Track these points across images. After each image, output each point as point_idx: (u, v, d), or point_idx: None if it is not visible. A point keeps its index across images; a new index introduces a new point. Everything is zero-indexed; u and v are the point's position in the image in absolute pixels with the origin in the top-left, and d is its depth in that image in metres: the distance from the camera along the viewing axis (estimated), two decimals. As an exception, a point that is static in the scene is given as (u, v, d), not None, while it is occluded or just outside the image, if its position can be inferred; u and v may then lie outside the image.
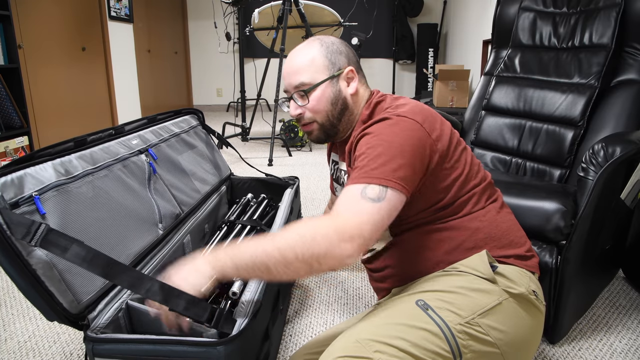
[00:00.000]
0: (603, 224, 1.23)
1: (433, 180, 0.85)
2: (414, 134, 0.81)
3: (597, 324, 1.33)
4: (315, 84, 0.93)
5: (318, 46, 0.95)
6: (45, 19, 3.46)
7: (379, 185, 0.75)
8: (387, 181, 0.75)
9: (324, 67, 0.93)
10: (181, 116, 1.64)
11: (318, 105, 0.93)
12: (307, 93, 0.93)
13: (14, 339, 1.28)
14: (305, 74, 0.93)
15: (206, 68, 6.32)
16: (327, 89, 0.93)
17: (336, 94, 0.94)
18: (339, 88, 0.94)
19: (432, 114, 0.88)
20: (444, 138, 0.86)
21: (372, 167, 0.77)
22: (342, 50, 0.96)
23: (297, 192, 1.74)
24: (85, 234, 0.92)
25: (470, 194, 0.88)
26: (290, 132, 3.80)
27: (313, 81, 0.93)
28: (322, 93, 0.93)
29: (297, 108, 0.95)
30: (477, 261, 0.83)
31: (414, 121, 0.83)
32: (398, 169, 0.77)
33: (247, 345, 0.86)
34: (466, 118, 1.84)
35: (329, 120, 0.95)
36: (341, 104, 0.94)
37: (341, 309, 1.43)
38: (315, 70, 0.93)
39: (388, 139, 0.80)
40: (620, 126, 1.40)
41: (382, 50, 6.09)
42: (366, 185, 0.75)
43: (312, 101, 0.93)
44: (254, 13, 3.61)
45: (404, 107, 0.88)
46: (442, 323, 0.73)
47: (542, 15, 1.71)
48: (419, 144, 0.81)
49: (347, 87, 0.95)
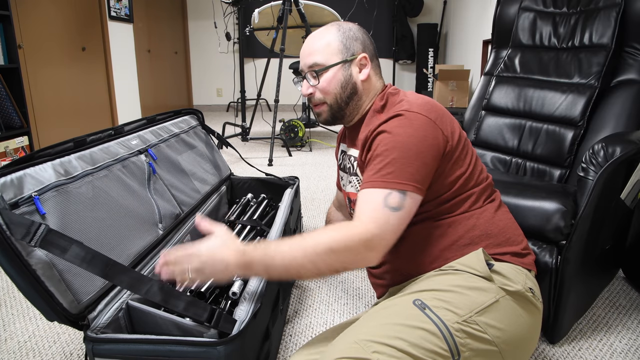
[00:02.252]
0: (603, 224, 1.23)
1: (439, 176, 0.86)
2: (429, 132, 0.84)
3: (597, 324, 1.33)
4: (328, 66, 0.96)
5: (335, 31, 0.98)
6: (45, 19, 3.46)
7: (399, 191, 0.79)
8: (407, 186, 0.80)
9: (338, 51, 0.96)
10: (181, 116, 1.64)
11: (328, 86, 0.97)
12: (319, 74, 0.96)
13: (14, 339, 1.28)
14: (319, 55, 0.96)
15: (206, 68, 6.32)
16: (338, 72, 0.96)
17: (347, 78, 0.97)
18: (351, 73, 0.97)
19: (443, 111, 0.90)
20: (454, 135, 0.88)
21: (390, 170, 0.80)
22: (359, 37, 0.98)
23: (297, 192, 1.74)
24: (85, 234, 0.92)
25: (470, 192, 0.89)
26: (290, 132, 3.80)
27: (326, 62, 0.96)
28: (334, 75, 0.96)
29: (308, 88, 0.99)
30: (473, 259, 0.84)
31: (428, 118, 0.85)
32: (415, 172, 0.81)
33: (247, 345, 0.86)
34: (466, 118, 1.84)
35: (337, 102, 0.98)
36: (351, 88, 0.97)
37: (341, 309, 1.43)
38: (329, 52, 0.96)
39: (406, 140, 0.82)
40: (620, 126, 1.40)
41: (382, 50, 6.09)
42: (388, 192, 0.79)
43: (322, 82, 0.97)
44: (254, 13, 3.62)
45: (417, 102, 0.89)
46: (440, 322, 0.74)
47: (542, 15, 1.71)
48: (433, 142, 0.83)
49: (358, 72, 0.98)
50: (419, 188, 0.81)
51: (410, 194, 0.80)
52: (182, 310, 0.82)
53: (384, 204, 0.78)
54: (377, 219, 0.78)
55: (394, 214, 0.78)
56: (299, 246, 0.77)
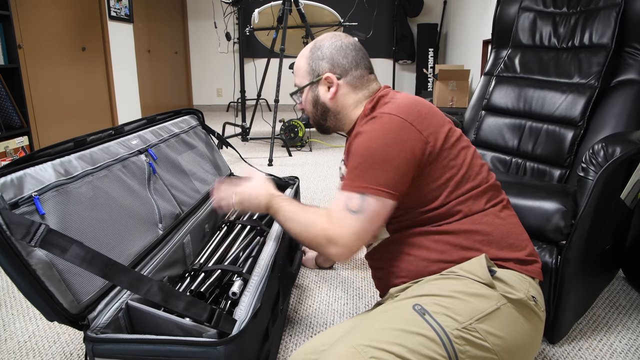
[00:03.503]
0: (603, 224, 1.23)
1: (424, 180, 0.85)
2: (401, 134, 0.83)
3: (597, 324, 1.33)
4: (299, 88, 1.04)
5: (307, 52, 1.02)
6: (45, 19, 3.46)
7: (359, 194, 0.83)
8: (367, 189, 0.82)
9: (306, 73, 1.02)
10: (181, 116, 1.64)
11: (305, 106, 1.05)
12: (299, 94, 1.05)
13: (14, 339, 1.28)
14: (297, 78, 1.04)
15: (206, 68, 6.32)
16: (308, 93, 1.03)
17: (315, 99, 1.02)
18: (317, 93, 1.01)
19: (429, 111, 0.88)
20: (439, 135, 0.86)
21: (356, 174, 0.85)
22: (326, 56, 0.98)
23: (297, 192, 1.74)
24: (84, 234, 0.92)
25: (467, 195, 0.87)
26: (290, 132, 3.80)
27: (300, 84, 1.04)
28: (305, 97, 1.04)
29: (299, 105, 1.07)
30: (475, 265, 0.82)
31: (403, 120, 0.84)
32: (379, 175, 0.82)
33: (247, 345, 0.86)
34: (466, 118, 1.84)
35: (315, 119, 1.05)
36: (320, 107, 1.02)
37: (341, 309, 1.43)
38: (301, 75, 1.03)
39: (374, 144, 0.84)
40: (620, 126, 1.40)
41: (382, 50, 6.09)
42: (349, 195, 0.84)
43: (302, 102, 1.05)
44: (254, 13, 3.62)
45: (398, 102, 0.88)
46: (439, 328, 0.73)
47: (542, 15, 1.71)
48: (405, 144, 0.83)
49: (326, 92, 1.00)
50: (384, 191, 0.82)
51: (371, 197, 0.82)
52: (182, 310, 0.82)
53: (345, 207, 0.83)
54: (339, 220, 0.84)
55: (354, 216, 0.82)
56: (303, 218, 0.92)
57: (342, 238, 0.83)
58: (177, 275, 1.23)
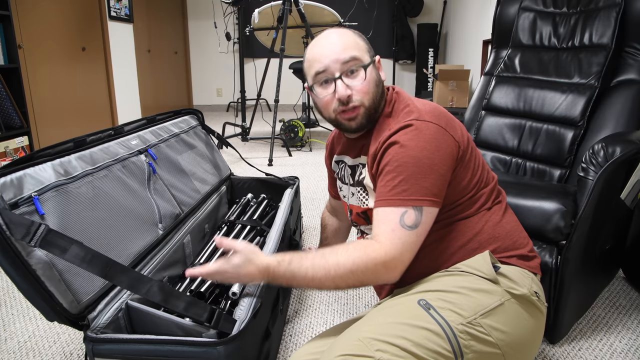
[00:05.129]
0: (603, 224, 1.23)
1: (453, 181, 0.85)
2: (441, 142, 0.82)
3: (597, 324, 1.32)
4: (367, 63, 0.88)
5: (353, 32, 0.92)
6: (45, 19, 3.46)
7: (415, 208, 0.79)
8: (422, 201, 0.79)
9: (366, 50, 0.90)
10: (181, 116, 1.64)
11: (367, 86, 0.88)
12: (357, 71, 0.87)
13: (14, 339, 1.28)
14: (355, 51, 0.88)
15: (206, 68, 6.32)
16: (372, 71, 0.89)
17: (378, 77, 0.92)
18: (378, 72, 0.92)
19: (451, 116, 0.89)
20: (464, 138, 0.87)
21: (405, 187, 0.79)
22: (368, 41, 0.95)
23: (297, 192, 1.74)
24: (84, 235, 0.92)
25: (480, 193, 0.89)
26: (290, 132, 3.80)
27: (364, 60, 0.88)
28: (370, 74, 0.88)
29: (346, 89, 0.87)
30: (479, 261, 0.83)
31: (439, 127, 0.83)
32: (430, 185, 0.80)
33: (247, 345, 0.86)
34: (466, 118, 1.84)
35: (374, 103, 0.89)
36: (382, 87, 0.92)
37: (341, 309, 1.43)
38: (362, 50, 0.89)
39: (418, 153, 0.80)
40: (620, 126, 1.40)
41: (382, 50, 6.09)
42: (403, 210, 0.79)
43: (363, 83, 0.87)
44: (254, 13, 3.61)
45: (425, 109, 0.87)
46: (444, 323, 0.73)
47: (542, 15, 1.71)
48: (446, 151, 0.82)
49: (380, 73, 0.94)
50: (435, 201, 0.81)
51: (427, 209, 0.80)
52: (182, 311, 0.82)
53: (400, 224, 0.78)
54: (395, 240, 0.78)
55: (411, 232, 0.78)
56: (320, 266, 0.79)
57: (402, 258, 0.78)
58: (177, 275, 1.23)
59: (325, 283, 0.79)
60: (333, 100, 0.88)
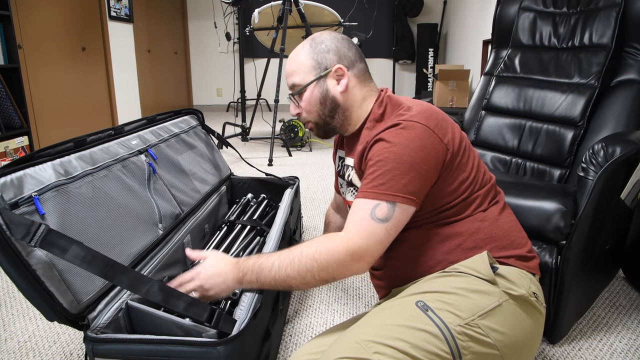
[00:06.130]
0: (603, 224, 1.23)
1: (441, 184, 0.85)
2: (426, 142, 0.82)
3: (597, 324, 1.33)
4: (303, 86, 0.96)
5: (307, 47, 0.97)
6: (45, 19, 3.46)
7: (387, 202, 0.80)
8: (396, 197, 0.80)
9: (311, 68, 0.95)
10: (181, 116, 1.64)
11: (309, 106, 0.97)
12: (299, 94, 0.97)
13: (14, 339, 1.28)
14: (296, 77, 0.97)
15: (206, 68, 6.32)
16: (315, 89, 0.95)
17: (324, 94, 0.95)
18: (327, 87, 0.95)
19: (443, 117, 0.89)
20: (455, 141, 0.87)
21: (382, 181, 0.80)
22: (332, 48, 0.95)
23: (297, 192, 1.74)
24: (84, 234, 0.92)
25: (475, 196, 0.89)
26: (290, 132, 3.80)
27: (303, 82, 0.96)
28: (311, 94, 0.96)
29: (295, 108, 1.00)
30: (477, 262, 0.83)
31: (425, 127, 0.83)
32: (408, 183, 0.80)
33: (247, 345, 0.86)
34: (466, 118, 1.84)
35: (321, 119, 0.98)
36: (330, 102, 0.96)
37: (341, 309, 1.43)
38: (304, 71, 0.96)
39: (400, 150, 0.81)
40: (620, 126, 1.40)
41: (382, 50, 6.09)
42: (376, 203, 0.80)
43: (303, 102, 0.97)
44: (254, 13, 3.61)
45: (415, 109, 0.87)
46: (442, 324, 0.73)
47: (542, 15, 1.71)
48: (430, 152, 0.82)
49: (336, 85, 0.95)
50: (411, 199, 0.81)
51: (400, 205, 0.80)
52: (182, 311, 0.82)
53: (370, 215, 0.80)
54: (363, 230, 0.79)
55: (380, 225, 0.79)
56: (286, 257, 0.82)
57: (369, 249, 0.79)
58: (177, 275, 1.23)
59: (291, 275, 0.81)
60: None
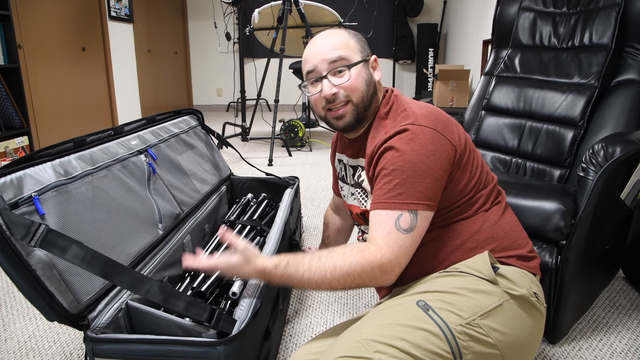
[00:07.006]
0: (603, 224, 1.23)
1: (449, 184, 0.85)
2: (437, 145, 0.82)
3: (597, 324, 1.32)
4: (354, 62, 0.90)
5: (346, 33, 0.95)
6: (45, 19, 3.46)
7: (409, 211, 0.80)
8: (417, 205, 0.80)
9: (358, 50, 0.93)
10: (180, 116, 1.64)
11: (356, 82, 0.90)
12: (350, 67, 0.90)
13: (14, 339, 1.28)
14: (344, 51, 0.90)
15: (206, 68, 6.32)
16: (362, 69, 0.92)
17: (369, 76, 0.93)
18: (370, 72, 0.94)
19: (448, 118, 0.89)
20: (461, 142, 0.87)
21: (400, 191, 0.80)
22: (365, 40, 0.98)
23: (297, 192, 1.74)
24: (84, 235, 0.92)
25: (479, 195, 0.89)
26: (290, 132, 3.80)
27: (351, 59, 0.91)
28: (359, 72, 0.91)
29: (332, 87, 0.90)
30: (478, 262, 0.83)
31: (434, 131, 0.83)
32: (426, 189, 0.80)
33: (247, 345, 0.86)
34: (466, 118, 1.84)
35: (363, 101, 0.91)
36: (373, 87, 0.93)
37: (341, 309, 1.43)
38: (351, 50, 0.92)
39: (414, 158, 0.81)
40: (620, 126, 1.40)
41: (382, 50, 6.09)
42: (399, 214, 0.80)
43: (351, 79, 0.90)
44: (254, 13, 3.61)
45: (421, 113, 0.87)
46: (443, 324, 0.74)
47: (542, 15, 1.71)
48: (442, 155, 0.82)
49: (374, 73, 0.96)
50: (430, 205, 0.81)
51: (422, 212, 0.80)
52: (182, 311, 0.82)
53: (395, 227, 0.79)
54: (391, 243, 0.79)
55: (407, 235, 0.79)
56: (317, 269, 0.80)
57: (398, 261, 0.79)
58: (177, 275, 1.23)
59: (321, 285, 0.80)
60: (321, 99, 0.92)
